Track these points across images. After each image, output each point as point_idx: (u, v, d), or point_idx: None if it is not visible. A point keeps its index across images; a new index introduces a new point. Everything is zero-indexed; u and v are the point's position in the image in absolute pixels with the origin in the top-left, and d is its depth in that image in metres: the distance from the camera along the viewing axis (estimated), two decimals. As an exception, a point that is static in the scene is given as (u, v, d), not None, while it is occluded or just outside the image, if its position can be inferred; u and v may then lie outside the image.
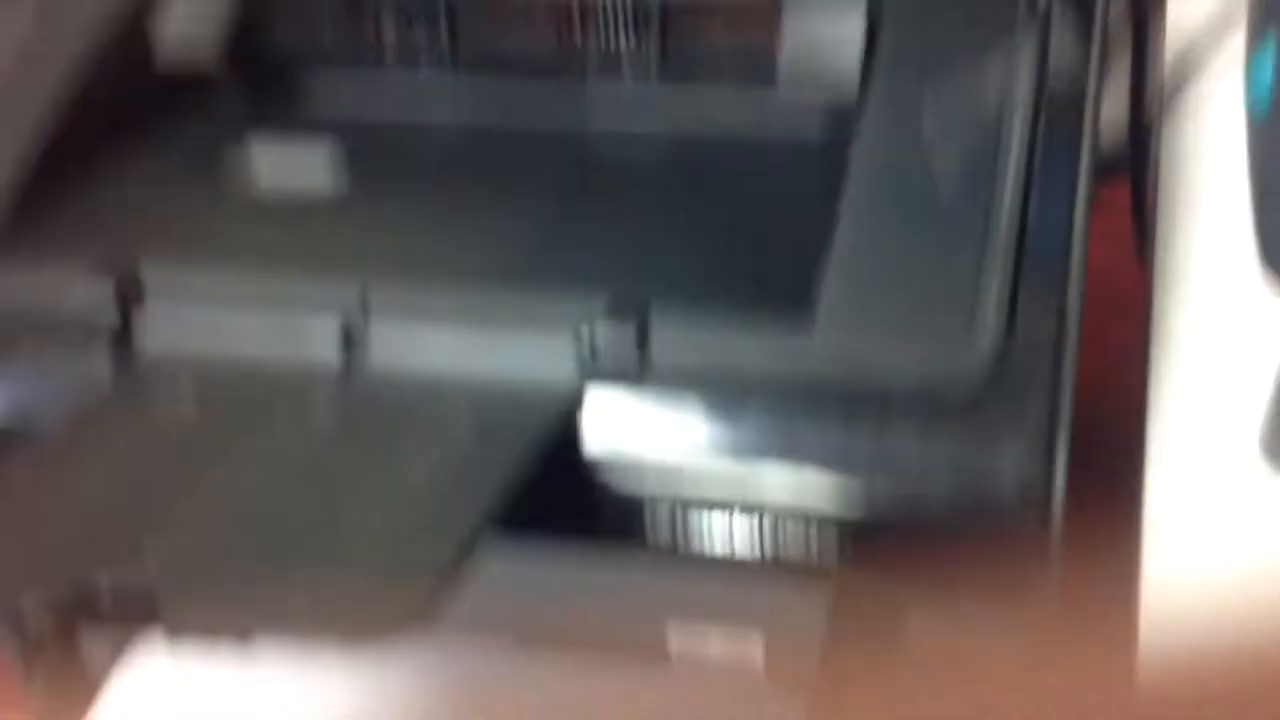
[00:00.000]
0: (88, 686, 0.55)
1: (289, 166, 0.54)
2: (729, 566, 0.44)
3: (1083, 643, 0.46)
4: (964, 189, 0.47)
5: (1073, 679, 0.40)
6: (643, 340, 0.44)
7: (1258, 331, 0.52)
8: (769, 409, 0.43)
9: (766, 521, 0.43)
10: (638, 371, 0.44)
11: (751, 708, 0.55)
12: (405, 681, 0.58)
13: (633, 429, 0.44)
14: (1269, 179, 0.40)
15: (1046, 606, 0.43)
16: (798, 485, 0.42)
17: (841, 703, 0.42)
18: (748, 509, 0.43)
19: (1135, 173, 0.68)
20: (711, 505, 0.43)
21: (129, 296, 0.46)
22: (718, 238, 0.48)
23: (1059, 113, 0.49)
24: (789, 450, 0.42)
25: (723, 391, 0.43)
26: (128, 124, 0.55)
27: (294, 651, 0.53)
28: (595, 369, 0.44)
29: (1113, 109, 0.71)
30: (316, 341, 0.45)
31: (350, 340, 0.45)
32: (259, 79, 0.59)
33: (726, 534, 0.44)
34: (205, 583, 0.36)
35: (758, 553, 0.44)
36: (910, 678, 0.38)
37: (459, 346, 0.45)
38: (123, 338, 0.45)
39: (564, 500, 0.44)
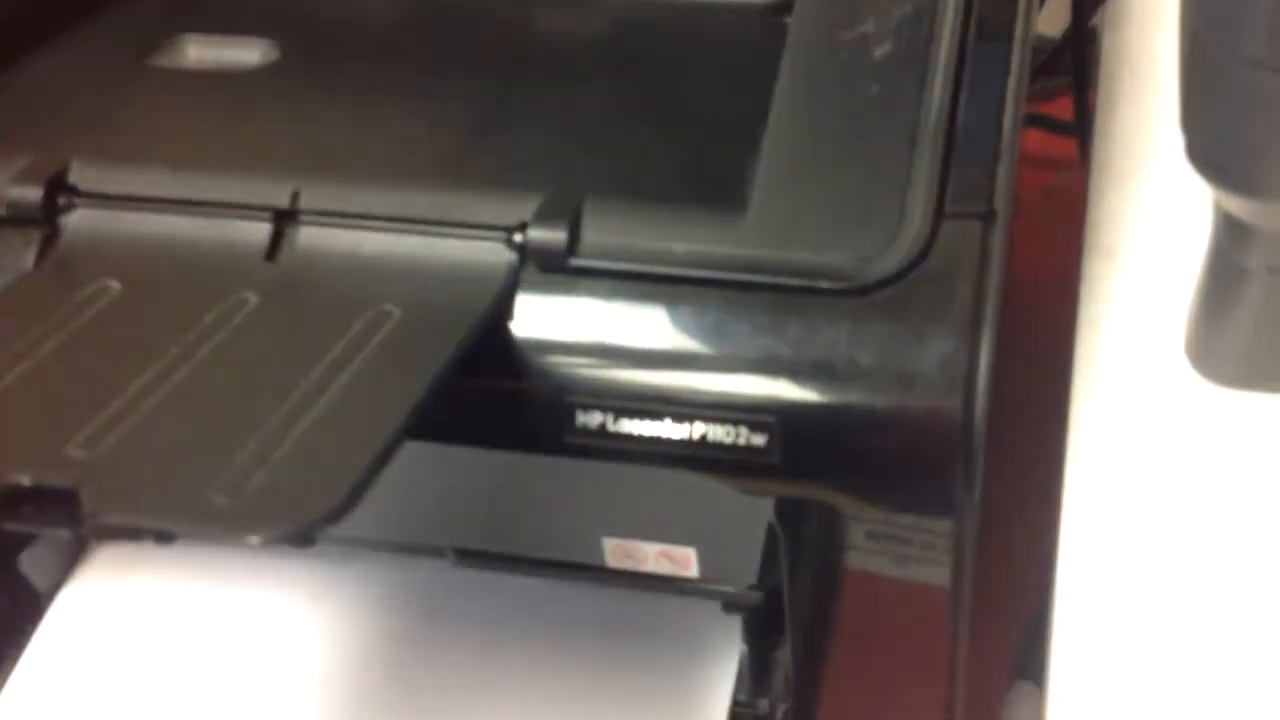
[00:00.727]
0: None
1: (220, 56, 0.54)
2: (670, 482, 0.45)
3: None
4: (896, 79, 0.47)
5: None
6: (574, 244, 0.44)
7: (1188, 232, 0.53)
8: (700, 300, 0.43)
9: (697, 418, 0.43)
10: (569, 274, 0.44)
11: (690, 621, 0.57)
12: (345, 594, 0.59)
13: (563, 328, 0.44)
14: (1194, 76, 0.40)
15: (970, 494, 0.43)
16: (727, 373, 0.43)
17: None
18: (679, 403, 0.43)
19: (1076, 73, 0.69)
20: (643, 400, 0.43)
21: (58, 202, 0.46)
22: (651, 123, 0.48)
23: (992, 5, 0.50)
24: (719, 338, 0.43)
25: (653, 285, 0.44)
26: (58, 14, 0.54)
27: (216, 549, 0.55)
28: (526, 272, 0.44)
29: (1055, 11, 0.72)
30: (247, 244, 0.45)
31: (281, 243, 0.45)
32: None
33: (659, 433, 0.44)
34: (127, 483, 0.36)
35: (691, 451, 0.44)
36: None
37: (390, 249, 0.45)
38: (51, 241, 0.45)
39: (493, 402, 0.44)
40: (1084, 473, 0.47)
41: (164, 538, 0.44)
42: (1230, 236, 0.45)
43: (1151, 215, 0.54)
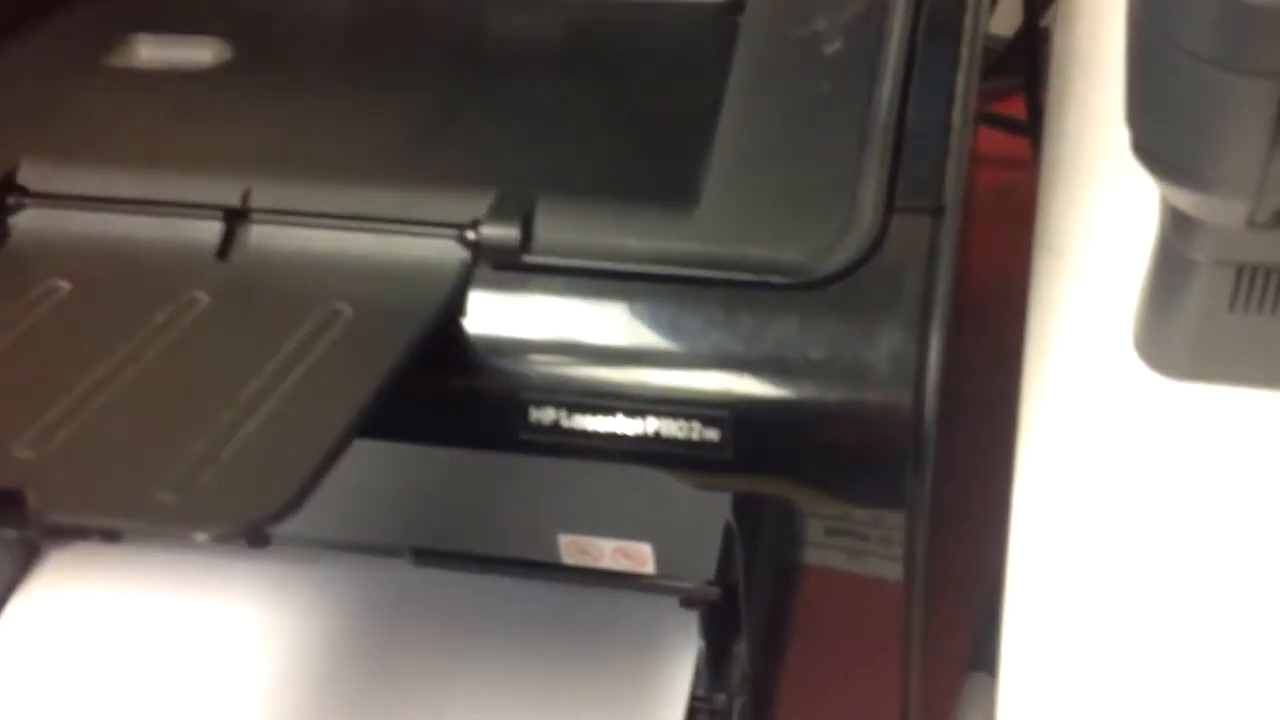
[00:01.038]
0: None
1: (172, 55, 0.53)
2: (625, 479, 0.45)
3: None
4: (846, 77, 0.47)
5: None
6: (526, 241, 0.44)
7: (1137, 229, 0.53)
8: (653, 296, 0.43)
9: (650, 413, 0.43)
10: (522, 271, 0.44)
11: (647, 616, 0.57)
12: (303, 597, 0.59)
13: (516, 325, 0.44)
14: (1139, 71, 0.41)
15: (921, 485, 0.44)
16: (680, 368, 0.43)
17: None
18: (633, 399, 0.43)
19: (1028, 72, 0.70)
20: (597, 396, 0.44)
21: (8, 201, 0.46)
22: (604, 121, 0.48)
23: (942, 4, 0.50)
24: (672, 333, 0.43)
25: (607, 282, 0.44)
26: (8, 15, 0.54)
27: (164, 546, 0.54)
28: (479, 270, 0.44)
29: (1008, 11, 0.72)
30: (199, 243, 0.45)
31: (232, 241, 0.45)
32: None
33: (613, 428, 0.44)
34: (74, 482, 0.36)
35: (645, 447, 0.44)
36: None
37: (342, 247, 0.45)
38: (0, 242, 0.45)
39: (447, 399, 0.44)
40: (1035, 466, 0.47)
41: (111, 536, 0.44)
42: (1177, 230, 0.45)
43: (1100, 212, 0.54)
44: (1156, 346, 0.49)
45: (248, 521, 0.33)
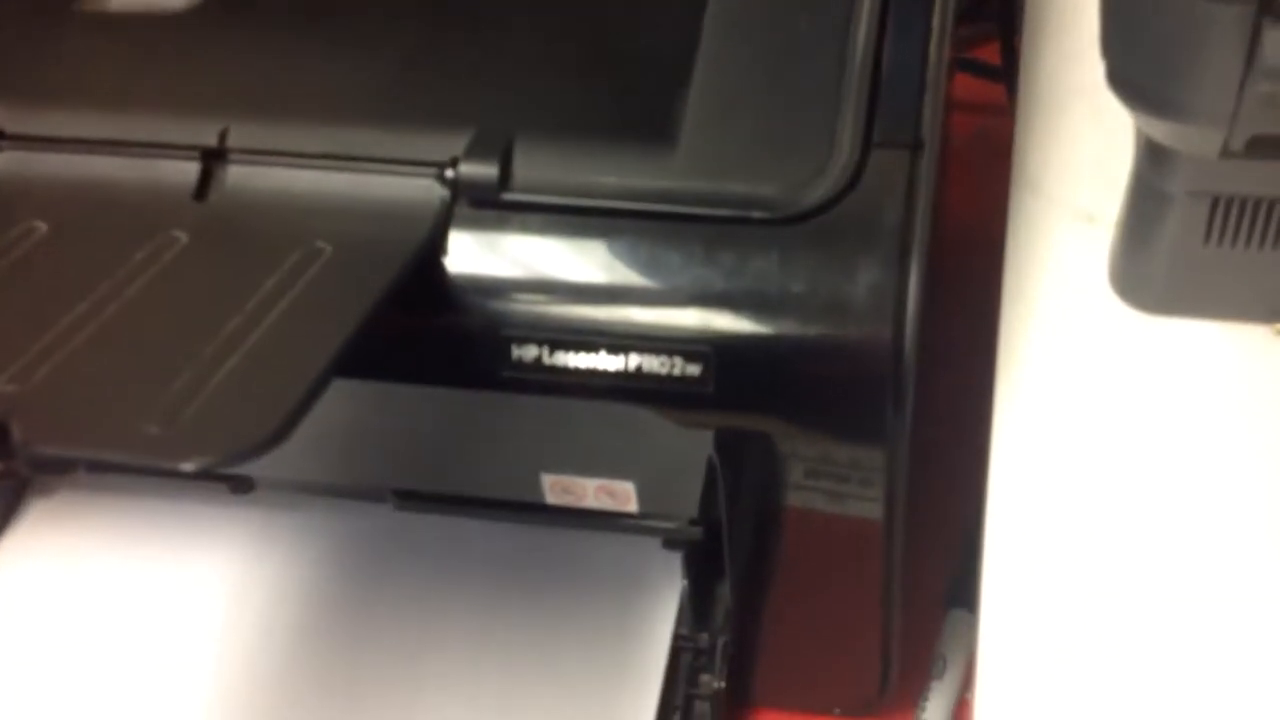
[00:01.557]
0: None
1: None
2: (608, 417, 0.45)
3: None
4: (824, 14, 0.47)
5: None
6: (505, 179, 0.44)
7: (1112, 164, 0.54)
8: (633, 232, 0.43)
9: (632, 349, 0.44)
10: (501, 209, 0.44)
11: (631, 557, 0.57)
12: (286, 542, 0.59)
13: (496, 263, 0.44)
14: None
15: (901, 419, 0.44)
16: (660, 304, 0.43)
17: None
18: (614, 335, 0.43)
19: (1003, 16, 0.70)
20: (578, 333, 0.44)
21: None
22: (580, 58, 0.48)
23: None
24: (652, 269, 0.43)
25: (586, 219, 0.44)
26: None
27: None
28: (459, 208, 0.44)
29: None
30: (176, 184, 0.45)
31: (210, 182, 0.45)
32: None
33: (595, 365, 0.44)
34: (59, 414, 0.36)
35: (627, 383, 0.44)
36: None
37: (321, 187, 0.45)
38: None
39: (428, 338, 0.44)
40: (1013, 403, 0.47)
41: (96, 469, 0.44)
42: (1151, 162, 0.45)
43: (1076, 149, 0.55)
44: (1132, 281, 0.49)
45: (233, 452, 0.33)
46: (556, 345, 0.43)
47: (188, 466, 0.32)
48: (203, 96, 0.47)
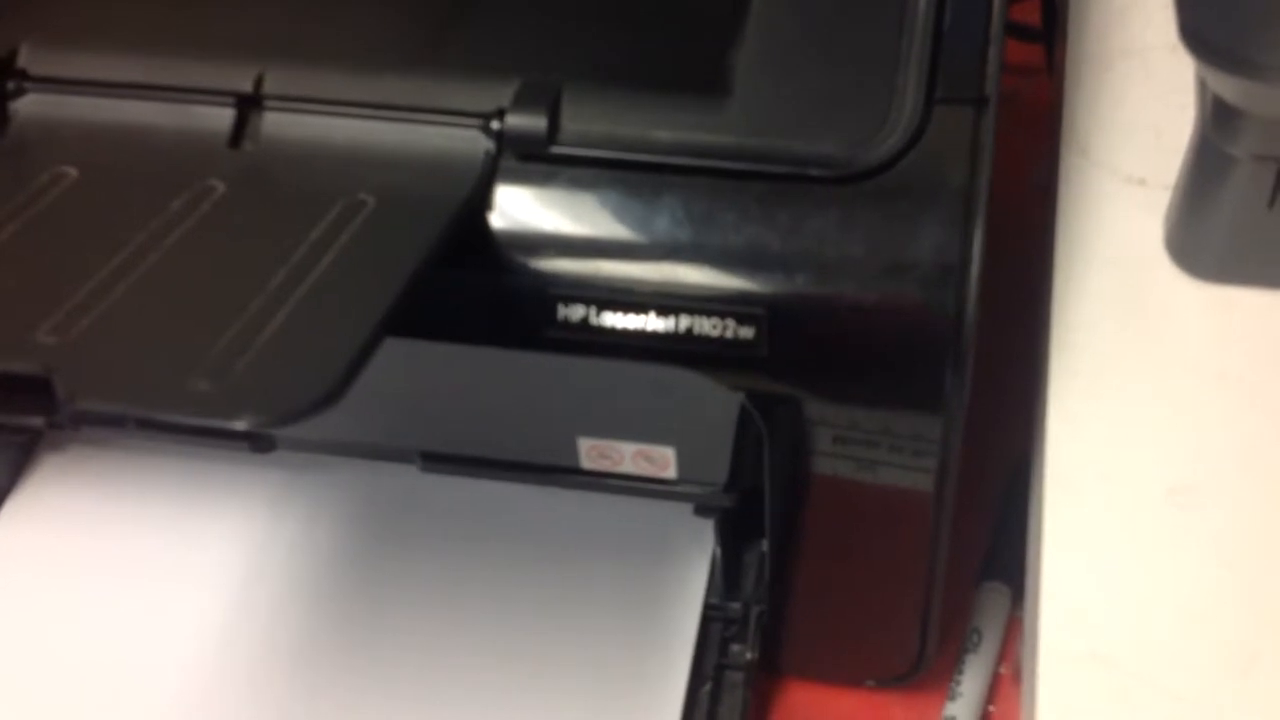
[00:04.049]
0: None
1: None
2: (648, 380, 0.44)
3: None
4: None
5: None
6: (553, 131, 0.42)
7: (1165, 125, 0.52)
8: (685, 189, 0.42)
9: (683, 310, 0.42)
10: (549, 162, 0.42)
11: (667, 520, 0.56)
12: (309, 502, 0.57)
13: (543, 218, 0.42)
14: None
15: (960, 388, 0.43)
16: (713, 264, 0.41)
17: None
18: (665, 295, 0.42)
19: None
20: (627, 293, 0.42)
21: (7, 86, 0.43)
22: (631, 7, 0.47)
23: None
24: (705, 227, 0.41)
25: (637, 174, 0.42)
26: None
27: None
28: (504, 161, 0.42)
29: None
30: (210, 130, 0.43)
31: (245, 129, 0.43)
32: None
33: (644, 326, 0.43)
34: (104, 369, 0.34)
35: (676, 345, 0.43)
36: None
37: (361, 137, 0.43)
38: (1, 127, 0.43)
39: (471, 296, 0.43)
40: (1067, 373, 0.46)
41: (144, 426, 0.43)
42: (1218, 123, 0.44)
43: (1125, 110, 0.53)
44: (1191, 248, 0.48)
45: (289, 411, 0.31)
46: (604, 305, 0.42)
47: (240, 425, 0.31)
48: (238, 40, 0.45)
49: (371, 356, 0.34)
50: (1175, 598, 0.42)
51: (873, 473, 0.46)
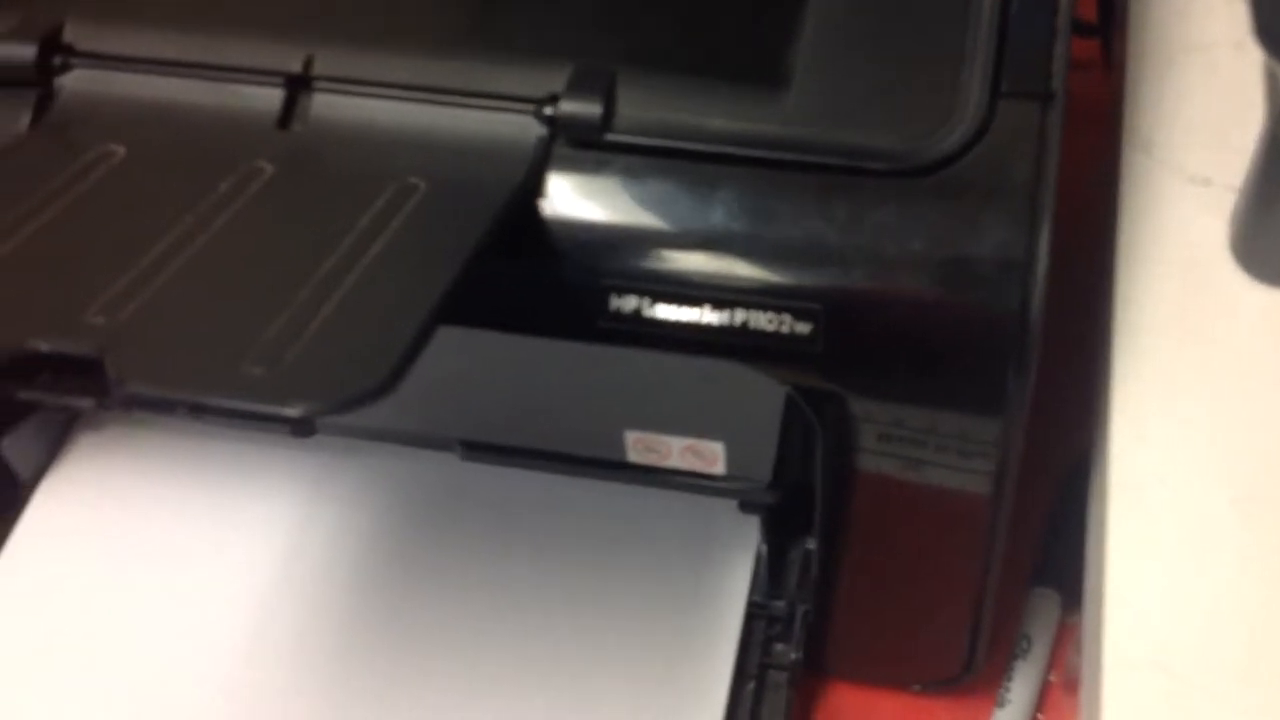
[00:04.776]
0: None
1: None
2: (700, 373, 0.43)
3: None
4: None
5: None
6: (608, 118, 0.41)
7: (1229, 122, 0.51)
8: (742, 180, 0.41)
9: (739, 304, 0.41)
10: (603, 150, 0.41)
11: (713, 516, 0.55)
12: (346, 489, 0.57)
13: (597, 207, 0.41)
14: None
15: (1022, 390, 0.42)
16: (770, 257, 0.40)
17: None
18: (719, 288, 0.41)
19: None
20: (681, 285, 0.41)
21: (53, 61, 0.43)
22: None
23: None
24: (762, 220, 0.40)
25: (693, 164, 0.41)
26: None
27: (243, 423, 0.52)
28: (557, 147, 0.41)
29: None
30: (258, 111, 0.42)
31: (294, 110, 0.42)
32: None
33: (697, 319, 0.42)
34: (155, 353, 0.33)
35: (730, 339, 0.42)
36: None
37: (411, 120, 0.42)
38: (46, 103, 0.42)
39: (521, 285, 0.42)
40: (1131, 378, 0.45)
41: (196, 410, 0.42)
42: (1293, 124, 0.43)
43: (1189, 107, 0.52)
44: (1258, 251, 0.46)
45: (344, 398, 0.31)
46: (658, 297, 0.41)
47: (294, 412, 0.30)
48: (288, 20, 0.44)
49: (425, 346, 0.33)
50: (1239, 609, 0.41)
51: (928, 473, 0.45)
